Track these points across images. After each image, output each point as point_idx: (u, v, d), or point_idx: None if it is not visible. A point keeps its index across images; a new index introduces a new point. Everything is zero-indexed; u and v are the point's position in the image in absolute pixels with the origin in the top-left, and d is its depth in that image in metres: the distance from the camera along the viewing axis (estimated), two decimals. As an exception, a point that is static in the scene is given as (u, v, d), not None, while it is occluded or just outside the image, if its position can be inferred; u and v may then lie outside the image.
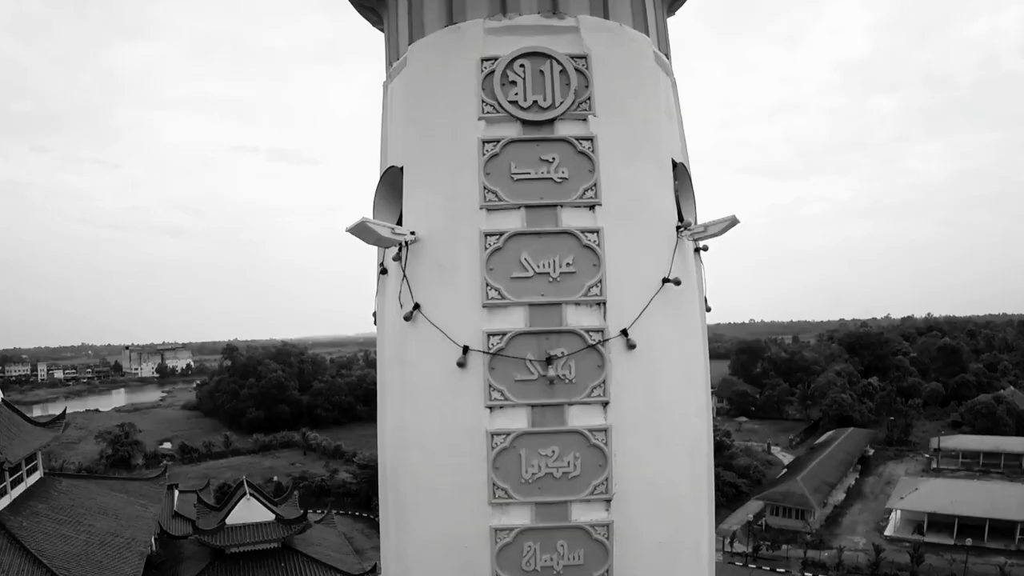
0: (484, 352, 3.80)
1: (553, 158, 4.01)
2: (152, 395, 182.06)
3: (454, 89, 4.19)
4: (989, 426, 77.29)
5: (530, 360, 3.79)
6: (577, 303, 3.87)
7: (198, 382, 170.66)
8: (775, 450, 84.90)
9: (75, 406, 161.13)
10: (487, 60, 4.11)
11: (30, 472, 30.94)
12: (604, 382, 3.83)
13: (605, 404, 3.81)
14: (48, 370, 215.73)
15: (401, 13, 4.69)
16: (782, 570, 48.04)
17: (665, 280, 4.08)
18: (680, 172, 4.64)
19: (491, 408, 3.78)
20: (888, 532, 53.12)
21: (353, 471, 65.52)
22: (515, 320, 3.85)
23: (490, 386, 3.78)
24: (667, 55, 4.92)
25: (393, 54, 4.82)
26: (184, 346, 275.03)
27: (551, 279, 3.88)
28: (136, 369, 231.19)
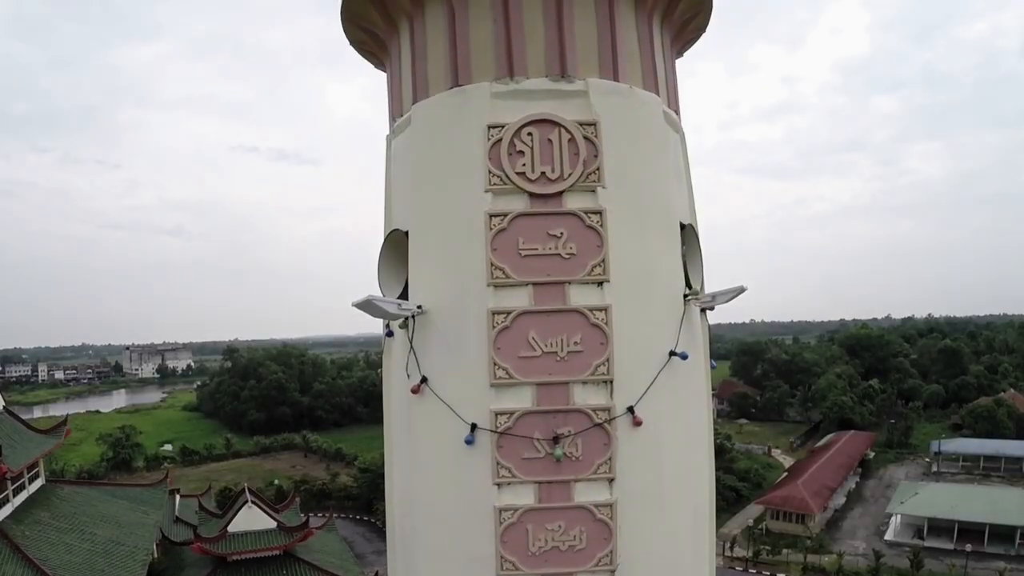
0: (492, 431, 3.83)
1: (561, 233, 3.95)
2: (153, 396, 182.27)
3: (460, 157, 4.11)
4: (990, 429, 77.33)
5: (537, 439, 3.82)
6: (584, 382, 3.87)
7: (198, 383, 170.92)
8: (775, 452, 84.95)
9: (76, 407, 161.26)
10: (494, 127, 4.03)
11: (32, 479, 31.02)
12: (610, 459, 3.86)
13: (611, 480, 3.85)
14: (49, 371, 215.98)
15: (404, 66, 4.59)
16: (782, 575, 48.14)
17: (672, 353, 4.10)
18: (688, 234, 4.61)
19: (499, 485, 3.82)
20: (888, 536, 53.20)
21: (354, 475, 65.61)
22: (523, 399, 3.86)
23: (498, 463, 3.82)
24: (676, 110, 4.85)
25: (396, 107, 4.75)
26: (184, 346, 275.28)
27: (559, 358, 3.87)
28: (137, 370, 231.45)
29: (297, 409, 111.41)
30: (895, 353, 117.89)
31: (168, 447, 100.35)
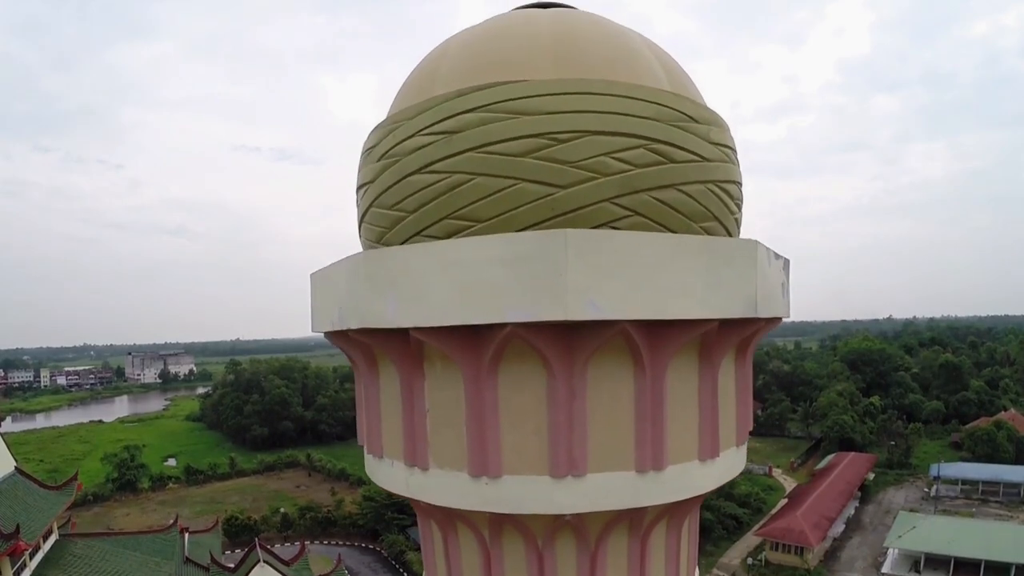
0: None
1: None
2: (155, 403, 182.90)
3: None
4: (989, 452, 77.94)
5: None
6: None
7: (201, 390, 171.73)
8: (776, 472, 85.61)
9: (78, 415, 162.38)
10: None
11: (45, 536, 31.63)
12: None
13: None
14: (51, 376, 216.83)
15: None
16: (782, 611, 48.81)
17: None
18: None
19: None
20: (885, 569, 53.82)
21: (358, 501, 66.13)
22: None
23: None
24: None
25: None
26: (186, 349, 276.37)
27: None
28: (139, 375, 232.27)
29: (300, 423, 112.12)
30: (896, 367, 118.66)
31: (172, 462, 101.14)
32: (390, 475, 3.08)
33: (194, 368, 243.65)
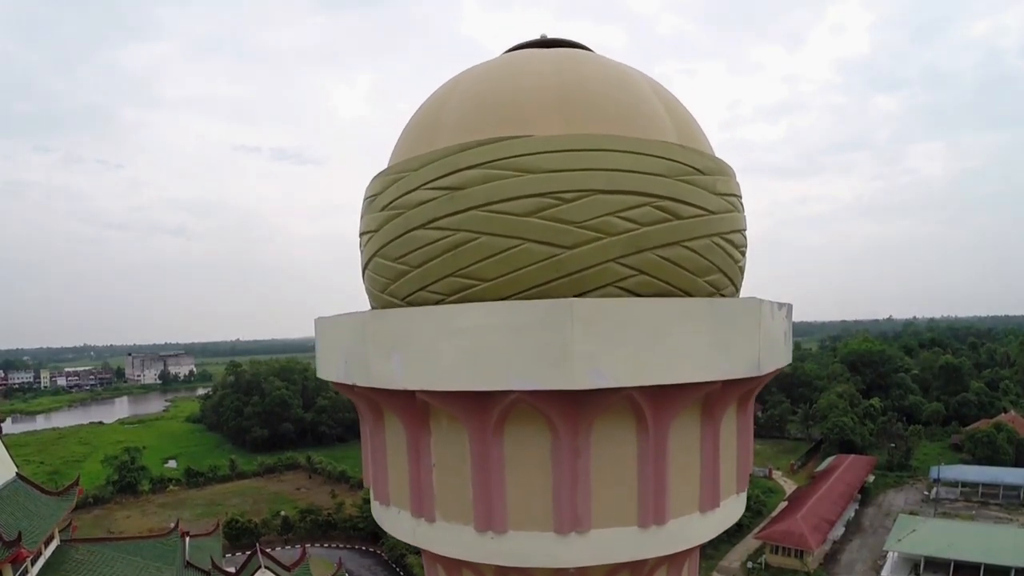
0: None
1: None
2: (155, 404, 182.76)
3: None
4: (989, 454, 77.92)
5: None
6: None
7: (201, 391, 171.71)
8: (776, 475, 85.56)
9: (78, 416, 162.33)
10: None
11: (47, 543, 31.63)
12: None
13: None
14: (51, 377, 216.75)
15: None
16: (782, 614, 48.79)
17: None
18: None
19: None
20: (885, 572, 53.82)
21: (359, 504, 66.15)
22: None
23: None
24: None
25: None
26: (186, 350, 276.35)
27: None
28: (139, 376, 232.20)
29: (300, 425, 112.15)
30: (896, 368, 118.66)
31: (172, 464, 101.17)
32: (397, 523, 3.09)
33: (194, 369, 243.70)
